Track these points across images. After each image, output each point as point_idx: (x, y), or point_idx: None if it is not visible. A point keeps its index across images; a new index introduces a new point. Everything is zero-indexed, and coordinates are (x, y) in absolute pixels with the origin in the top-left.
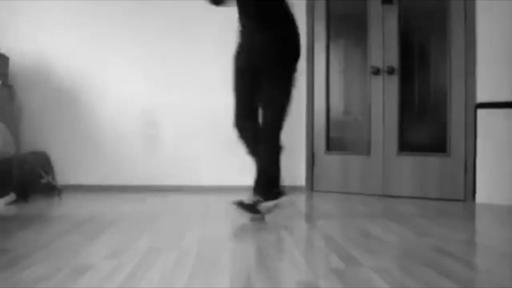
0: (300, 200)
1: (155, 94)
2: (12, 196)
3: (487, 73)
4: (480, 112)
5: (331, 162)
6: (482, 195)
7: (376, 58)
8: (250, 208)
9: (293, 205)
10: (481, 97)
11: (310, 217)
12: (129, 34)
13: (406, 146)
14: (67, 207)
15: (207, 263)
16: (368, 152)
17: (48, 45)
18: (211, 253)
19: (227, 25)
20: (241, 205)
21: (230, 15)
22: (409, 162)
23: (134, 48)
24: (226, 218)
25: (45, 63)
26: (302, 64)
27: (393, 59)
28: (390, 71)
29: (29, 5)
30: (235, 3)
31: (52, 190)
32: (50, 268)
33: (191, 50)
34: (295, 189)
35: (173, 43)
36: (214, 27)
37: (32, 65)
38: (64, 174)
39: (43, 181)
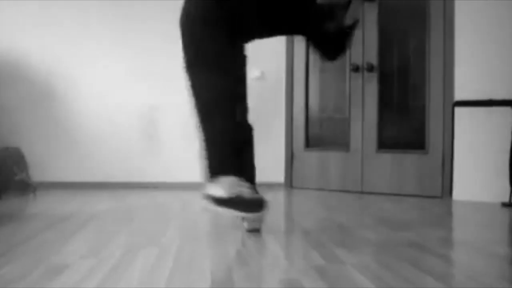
0: (279, 197)
1: (134, 87)
2: None
3: (465, 71)
4: (458, 110)
5: (310, 159)
6: (458, 192)
7: (355, 55)
8: None
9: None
10: (459, 95)
11: (289, 215)
12: (110, 26)
13: (385, 143)
14: (42, 205)
15: (187, 261)
16: (347, 149)
17: (23, 41)
18: (192, 252)
19: None
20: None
21: None
22: (388, 159)
23: (115, 39)
24: (207, 215)
25: (20, 59)
26: (281, 61)
27: (373, 56)
28: (370, 68)
29: (4, 1)
30: None
31: (26, 187)
32: (25, 267)
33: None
34: (274, 186)
35: (156, 39)
36: None
37: (6, 61)
38: (39, 171)
39: (17, 178)
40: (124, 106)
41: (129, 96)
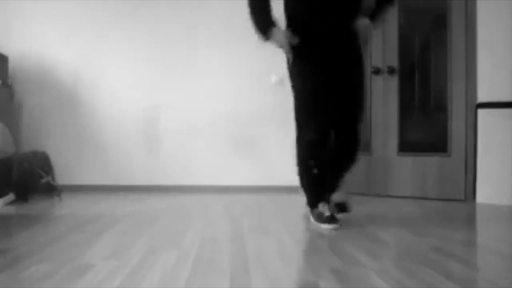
0: (299, 201)
1: (156, 94)
2: (11, 196)
3: (488, 73)
4: (481, 112)
5: None
6: (482, 195)
7: (376, 58)
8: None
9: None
10: (481, 97)
11: (309, 218)
12: (130, 34)
13: (406, 146)
14: (67, 208)
15: (207, 263)
16: (368, 151)
17: (49, 45)
18: (211, 253)
19: (228, 25)
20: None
21: (232, 16)
22: (409, 162)
23: (135, 48)
24: (226, 218)
25: (45, 63)
26: None
27: (394, 59)
28: (391, 71)
29: (29, 5)
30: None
31: (51, 190)
32: (51, 268)
33: (192, 50)
34: (294, 190)
35: (174, 43)
36: (216, 27)
37: (32, 65)
38: (64, 174)
39: (43, 181)
40: (149, 110)
41: (155, 100)
